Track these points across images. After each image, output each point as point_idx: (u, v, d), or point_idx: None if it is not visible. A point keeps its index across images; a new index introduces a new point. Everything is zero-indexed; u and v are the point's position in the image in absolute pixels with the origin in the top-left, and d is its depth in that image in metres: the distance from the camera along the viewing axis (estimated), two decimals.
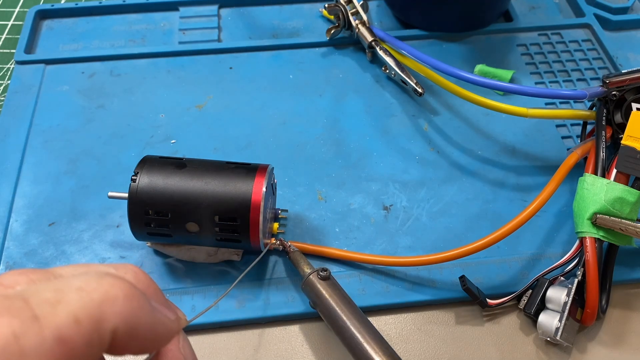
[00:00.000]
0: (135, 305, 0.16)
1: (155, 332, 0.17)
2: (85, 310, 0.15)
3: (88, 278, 0.16)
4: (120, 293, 0.16)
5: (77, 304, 0.15)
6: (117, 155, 0.40)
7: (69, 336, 0.14)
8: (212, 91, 0.44)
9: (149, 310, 0.17)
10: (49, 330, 0.14)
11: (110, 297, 0.15)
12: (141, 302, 0.16)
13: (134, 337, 0.16)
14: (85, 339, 0.14)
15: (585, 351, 0.31)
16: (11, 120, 0.42)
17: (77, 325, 0.14)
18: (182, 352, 0.19)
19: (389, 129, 0.42)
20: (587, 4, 0.51)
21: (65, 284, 0.15)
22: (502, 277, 0.34)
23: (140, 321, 0.16)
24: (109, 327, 0.15)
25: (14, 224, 0.36)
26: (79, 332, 0.14)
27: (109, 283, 0.16)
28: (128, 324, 0.16)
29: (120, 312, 0.15)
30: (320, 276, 0.30)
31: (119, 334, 0.15)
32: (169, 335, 0.18)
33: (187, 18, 0.50)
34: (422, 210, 0.37)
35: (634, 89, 0.34)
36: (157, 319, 0.17)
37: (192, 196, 0.30)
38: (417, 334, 0.32)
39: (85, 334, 0.14)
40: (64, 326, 0.14)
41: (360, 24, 0.46)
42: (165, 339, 0.18)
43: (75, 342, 0.14)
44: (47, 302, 0.14)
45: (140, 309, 0.16)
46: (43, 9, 0.50)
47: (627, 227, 0.30)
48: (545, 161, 0.40)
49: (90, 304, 0.15)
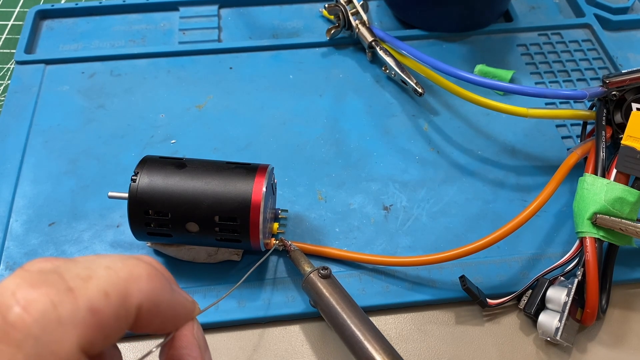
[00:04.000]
0: (157, 284, 0.17)
1: (175, 311, 0.18)
2: (114, 285, 0.16)
3: (114, 258, 0.17)
4: (144, 272, 0.17)
5: (106, 280, 0.16)
6: (117, 155, 0.40)
7: (99, 308, 0.15)
8: (212, 91, 0.44)
9: (169, 291, 0.18)
10: (83, 301, 0.15)
11: (135, 275, 0.17)
12: (163, 282, 0.18)
13: (156, 314, 0.17)
14: (114, 312, 0.16)
15: (585, 351, 0.31)
16: (11, 120, 0.42)
17: (107, 299, 0.16)
18: (195, 338, 0.20)
19: (389, 129, 0.42)
20: (587, 4, 0.51)
21: (94, 263, 0.16)
22: (502, 277, 0.34)
23: (162, 299, 0.17)
24: (134, 302, 0.16)
25: (14, 224, 0.36)
26: (109, 305, 0.16)
27: (134, 263, 0.17)
28: (151, 301, 0.17)
29: (145, 290, 0.17)
30: (320, 275, 0.30)
31: (143, 310, 0.17)
32: (187, 316, 0.19)
33: (187, 18, 0.50)
34: (422, 210, 0.37)
35: (634, 89, 0.34)
36: (176, 300, 0.19)
37: (192, 196, 0.30)
38: (417, 334, 0.32)
39: (114, 307, 0.16)
40: (95, 299, 0.15)
41: (360, 24, 0.46)
42: (183, 319, 0.19)
43: (105, 314, 0.15)
44: (79, 277, 0.16)
45: (161, 289, 0.18)
46: (43, 9, 0.50)
47: (627, 227, 0.30)
48: (545, 161, 0.40)
49: (117, 281, 0.16)
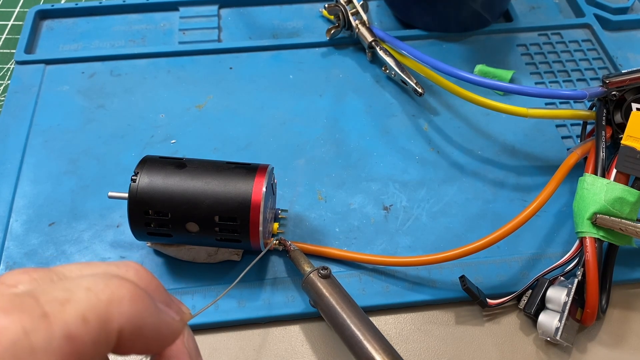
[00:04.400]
0: (140, 306, 0.16)
1: (159, 333, 0.17)
2: (93, 310, 0.15)
3: (95, 279, 0.16)
4: (127, 294, 0.16)
5: (85, 303, 0.15)
6: (117, 155, 0.40)
7: (77, 334, 0.14)
8: (212, 91, 0.44)
9: (154, 311, 0.17)
10: (58, 328, 0.14)
11: (117, 298, 0.16)
12: (147, 303, 0.17)
13: (139, 337, 0.16)
14: (93, 338, 0.15)
15: (585, 351, 0.31)
16: (11, 120, 0.42)
17: (85, 324, 0.15)
18: (186, 347, 0.19)
19: (389, 129, 0.42)
20: (587, 4, 0.51)
21: (73, 284, 0.16)
22: (502, 277, 0.34)
23: (146, 322, 0.17)
24: (115, 327, 0.15)
25: (14, 224, 0.36)
26: (87, 330, 0.15)
27: (116, 284, 0.16)
28: (134, 324, 0.16)
29: (127, 313, 0.16)
30: (320, 274, 0.30)
31: (125, 334, 0.16)
32: (173, 336, 0.18)
33: (187, 18, 0.50)
34: (422, 210, 0.37)
35: (634, 89, 0.34)
36: (161, 320, 0.18)
37: (192, 196, 0.30)
38: (417, 334, 0.32)
39: (93, 333, 0.15)
40: (73, 324, 0.14)
41: (360, 24, 0.46)
42: (169, 340, 0.18)
43: (82, 340, 0.15)
44: (56, 301, 0.15)
45: (145, 310, 0.17)
46: (43, 9, 0.50)
47: (627, 227, 0.30)
48: (545, 161, 0.40)
49: (97, 304, 0.15)
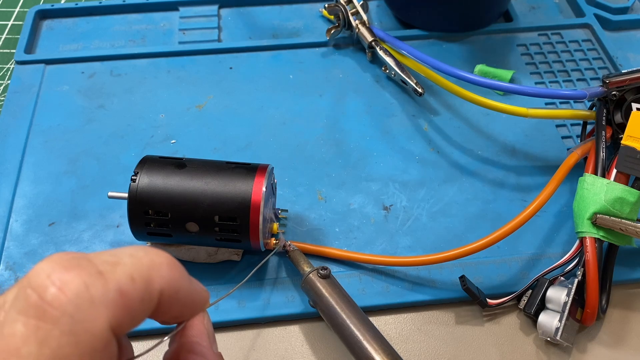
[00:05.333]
0: (176, 273, 0.18)
1: (192, 299, 0.19)
2: (139, 271, 0.17)
3: (136, 248, 0.18)
4: (165, 261, 0.18)
5: (132, 266, 0.17)
6: (117, 155, 0.40)
7: (127, 290, 0.16)
8: (212, 91, 0.44)
9: (187, 279, 0.19)
10: (112, 284, 0.16)
11: (157, 263, 0.18)
12: (181, 271, 0.19)
13: (175, 301, 0.18)
14: (140, 295, 0.17)
15: (585, 351, 0.31)
16: (11, 120, 0.42)
17: (133, 283, 0.17)
18: (205, 327, 0.21)
19: (389, 129, 0.42)
20: (587, 4, 0.51)
21: (119, 252, 0.18)
22: (502, 277, 0.34)
23: (181, 287, 0.19)
24: (157, 287, 0.17)
25: (14, 224, 0.36)
26: (135, 288, 0.17)
27: (155, 252, 0.18)
28: (172, 287, 0.18)
29: (166, 276, 0.18)
30: (320, 275, 0.30)
31: (164, 296, 0.18)
32: (202, 305, 0.21)
33: (187, 18, 0.50)
34: (422, 210, 0.37)
35: (634, 89, 0.34)
36: (194, 288, 0.20)
37: (192, 196, 0.30)
38: (417, 334, 0.32)
39: (140, 291, 0.17)
40: (123, 282, 0.16)
41: (360, 24, 0.46)
42: (199, 307, 0.20)
43: (131, 297, 0.17)
44: (107, 263, 0.17)
45: (180, 277, 0.19)
46: (43, 9, 0.50)
47: (627, 227, 0.30)
48: (545, 161, 0.40)
49: (141, 267, 0.17)
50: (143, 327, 0.20)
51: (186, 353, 0.20)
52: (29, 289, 0.15)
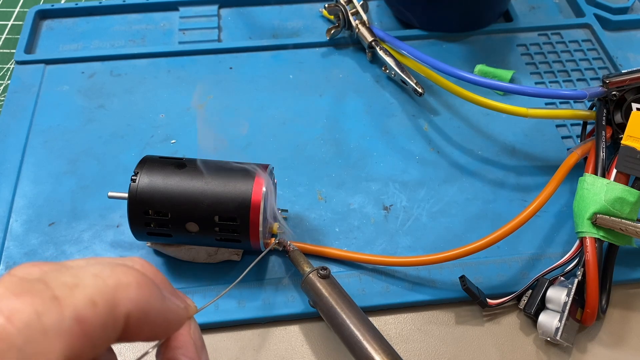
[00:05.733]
0: (146, 292, 0.17)
1: (166, 319, 0.18)
2: (101, 294, 0.16)
3: (102, 266, 0.17)
4: (133, 280, 0.17)
5: (93, 288, 0.16)
6: (117, 155, 0.40)
7: (86, 317, 0.15)
8: (212, 91, 0.44)
9: (160, 298, 0.18)
10: (68, 310, 0.15)
11: (124, 283, 0.16)
12: (152, 290, 0.17)
13: (145, 323, 0.17)
14: (101, 321, 0.15)
15: (585, 351, 0.31)
16: (11, 120, 0.42)
17: (94, 308, 0.15)
18: (192, 337, 0.20)
19: (389, 129, 0.42)
20: (587, 4, 0.51)
21: (81, 271, 0.16)
22: (502, 277, 0.34)
23: (152, 307, 0.17)
24: (122, 311, 0.16)
25: (14, 224, 0.36)
26: (96, 313, 0.15)
27: (122, 271, 0.17)
28: (140, 309, 0.16)
29: (134, 298, 0.16)
30: (320, 275, 0.30)
31: (132, 319, 0.16)
32: (178, 323, 0.19)
33: (187, 18, 0.50)
34: (422, 210, 0.37)
35: (634, 89, 0.34)
36: (167, 307, 0.18)
37: (192, 196, 0.30)
38: (417, 334, 0.32)
39: (101, 316, 0.15)
40: (82, 307, 0.15)
41: (360, 24, 0.46)
42: (175, 326, 0.19)
43: (91, 323, 0.15)
44: (65, 286, 0.15)
45: (151, 296, 0.17)
46: (43, 9, 0.50)
47: (627, 227, 0.30)
48: (545, 161, 0.40)
49: (105, 289, 0.16)
50: None
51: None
52: None
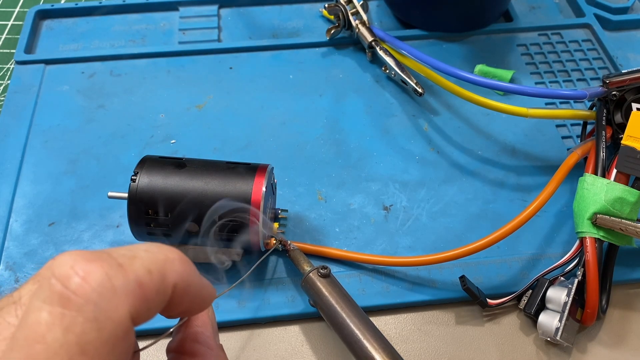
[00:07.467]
0: (188, 268, 0.19)
1: (202, 293, 0.20)
2: (155, 265, 0.18)
3: (150, 244, 0.19)
4: (177, 257, 0.19)
5: (148, 259, 0.18)
6: (117, 155, 0.40)
7: (144, 282, 0.17)
8: (212, 91, 0.44)
9: (197, 274, 0.20)
10: (131, 275, 0.17)
11: (170, 258, 0.19)
12: (192, 267, 0.20)
13: (186, 295, 0.19)
14: (156, 287, 0.18)
15: (585, 351, 0.31)
16: (11, 120, 0.42)
17: (150, 275, 0.17)
18: (209, 318, 0.22)
19: (389, 129, 0.42)
20: (587, 4, 0.51)
21: (134, 247, 0.18)
22: (502, 277, 0.34)
23: (193, 281, 0.19)
24: (171, 281, 0.18)
25: (14, 224, 0.36)
26: (152, 280, 0.17)
27: (167, 249, 0.19)
28: (184, 281, 0.19)
29: (179, 271, 0.19)
30: (320, 274, 0.30)
31: (177, 290, 0.18)
32: (211, 299, 0.21)
33: (187, 18, 0.50)
34: (422, 210, 0.37)
35: (634, 89, 0.34)
36: (203, 283, 0.20)
37: (192, 196, 0.30)
38: (417, 334, 0.32)
39: (156, 283, 0.18)
40: (141, 274, 0.17)
41: (360, 24, 0.46)
42: (208, 302, 0.21)
43: (149, 288, 0.17)
44: (125, 256, 0.17)
45: (191, 272, 0.19)
46: (43, 9, 0.50)
47: (627, 227, 0.30)
48: (545, 161, 0.40)
49: (157, 262, 0.18)
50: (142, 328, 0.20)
51: (191, 342, 0.21)
52: (53, 279, 0.16)
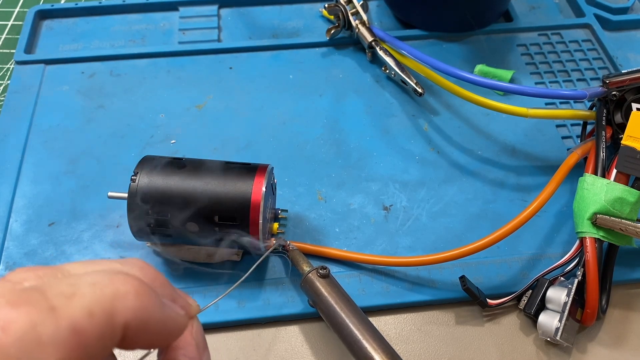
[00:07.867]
0: (145, 301, 0.17)
1: (165, 328, 0.18)
2: (99, 304, 0.15)
3: (100, 274, 0.16)
4: (132, 289, 0.16)
5: (90, 297, 0.15)
6: (117, 155, 0.40)
7: (83, 327, 0.15)
8: (212, 91, 0.44)
9: (159, 307, 0.17)
10: (65, 321, 0.15)
11: (122, 292, 0.16)
12: (152, 298, 0.17)
13: (144, 332, 0.17)
14: (98, 331, 0.15)
15: (585, 351, 0.31)
16: (11, 120, 0.42)
17: (91, 318, 0.15)
18: (194, 338, 0.20)
19: (389, 129, 0.42)
20: (587, 4, 0.51)
21: (78, 280, 0.16)
22: (502, 277, 0.34)
23: (151, 316, 0.17)
24: (121, 321, 0.16)
25: (14, 224, 0.36)
26: (93, 324, 0.15)
27: (120, 280, 0.16)
28: (139, 318, 0.16)
29: (132, 307, 0.16)
30: (319, 274, 0.30)
31: (131, 329, 0.16)
32: (178, 331, 0.19)
33: (187, 18, 0.50)
34: (422, 210, 0.37)
35: (634, 89, 0.34)
36: (167, 315, 0.18)
37: (192, 196, 0.30)
38: (417, 334, 0.32)
39: (99, 327, 0.15)
40: (79, 318, 0.15)
41: (360, 24, 0.46)
42: (175, 334, 0.18)
43: (88, 334, 0.15)
44: (62, 295, 0.15)
45: (150, 305, 0.17)
46: (43, 9, 0.50)
47: (627, 227, 0.30)
48: (545, 161, 0.40)
49: (103, 299, 0.15)
50: None
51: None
52: None
